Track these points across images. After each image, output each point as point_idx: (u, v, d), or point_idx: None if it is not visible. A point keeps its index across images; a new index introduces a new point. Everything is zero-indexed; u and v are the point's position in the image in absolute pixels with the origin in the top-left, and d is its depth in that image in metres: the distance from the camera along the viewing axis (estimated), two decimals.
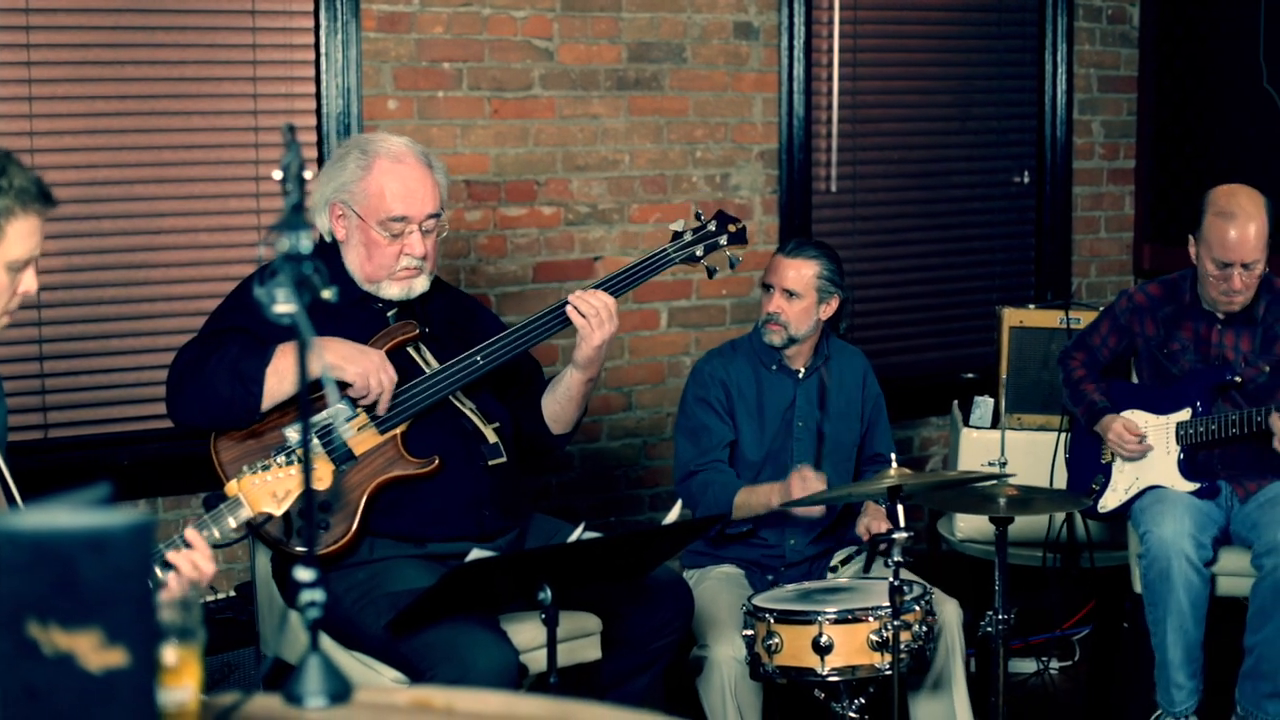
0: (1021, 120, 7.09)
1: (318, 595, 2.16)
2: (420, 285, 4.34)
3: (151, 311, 5.35)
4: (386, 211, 4.24)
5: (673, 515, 4.15)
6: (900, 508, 4.34)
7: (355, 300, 4.31)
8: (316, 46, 5.55)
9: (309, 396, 2.34)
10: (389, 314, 4.36)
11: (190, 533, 3.36)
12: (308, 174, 2.32)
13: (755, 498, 5.02)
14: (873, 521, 5.06)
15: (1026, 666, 6.29)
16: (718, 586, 5.02)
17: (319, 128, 5.55)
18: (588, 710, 2.13)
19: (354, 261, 4.31)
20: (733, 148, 6.29)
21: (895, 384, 6.67)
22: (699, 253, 4.60)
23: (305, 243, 2.10)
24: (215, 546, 3.47)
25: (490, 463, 4.30)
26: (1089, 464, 5.54)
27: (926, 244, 6.89)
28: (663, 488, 6.20)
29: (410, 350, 4.33)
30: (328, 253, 4.34)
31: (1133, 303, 5.50)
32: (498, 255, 5.85)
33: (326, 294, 2.22)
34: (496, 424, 4.38)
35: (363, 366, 4.08)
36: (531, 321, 4.39)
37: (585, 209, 6.00)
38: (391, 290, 4.31)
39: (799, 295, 5.12)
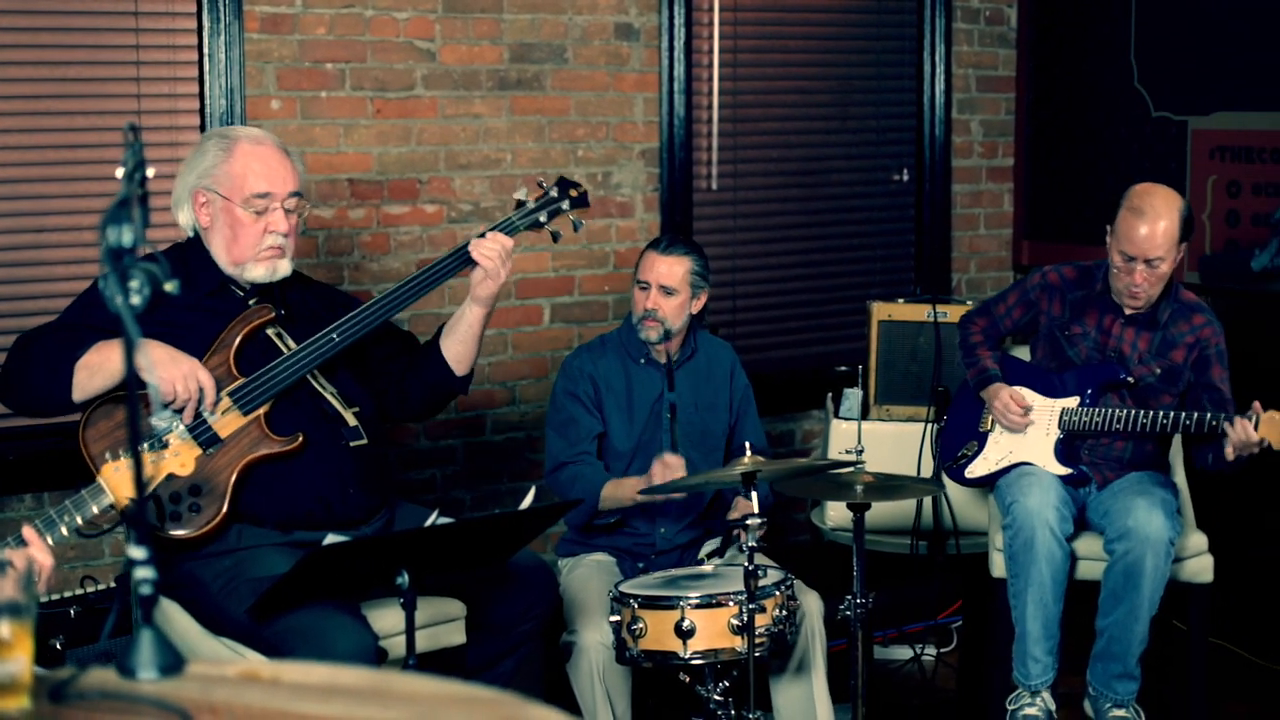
0: (901, 119, 7.22)
1: (149, 573, 2.26)
2: (284, 268, 4.49)
3: (35, 309, 5.39)
4: (251, 189, 4.41)
5: (527, 501, 4.26)
6: (755, 495, 4.47)
7: (215, 289, 4.43)
8: (200, 47, 5.62)
9: (136, 394, 2.42)
10: (250, 302, 4.49)
11: (27, 530, 3.42)
12: (150, 172, 2.42)
13: (622, 490, 5.15)
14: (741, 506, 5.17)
15: (903, 653, 6.44)
16: (588, 574, 5.15)
17: (203, 128, 5.61)
18: (405, 680, 2.24)
19: (219, 246, 4.45)
20: (614, 146, 6.40)
21: (777, 378, 6.82)
22: (542, 219, 4.78)
23: (128, 237, 2.19)
24: (80, 533, 3.55)
25: (351, 444, 4.43)
26: (964, 433, 5.67)
27: (807, 240, 7.01)
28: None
29: (270, 333, 4.46)
30: (194, 248, 4.48)
31: (1046, 280, 5.60)
32: (381, 253, 5.94)
33: (169, 286, 2.33)
34: (356, 408, 4.51)
35: (169, 373, 4.16)
36: (378, 300, 4.56)
37: (468, 207, 6.09)
38: (257, 272, 4.45)
39: (674, 291, 5.26)
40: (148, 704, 2.09)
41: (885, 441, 5.99)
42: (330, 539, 3.98)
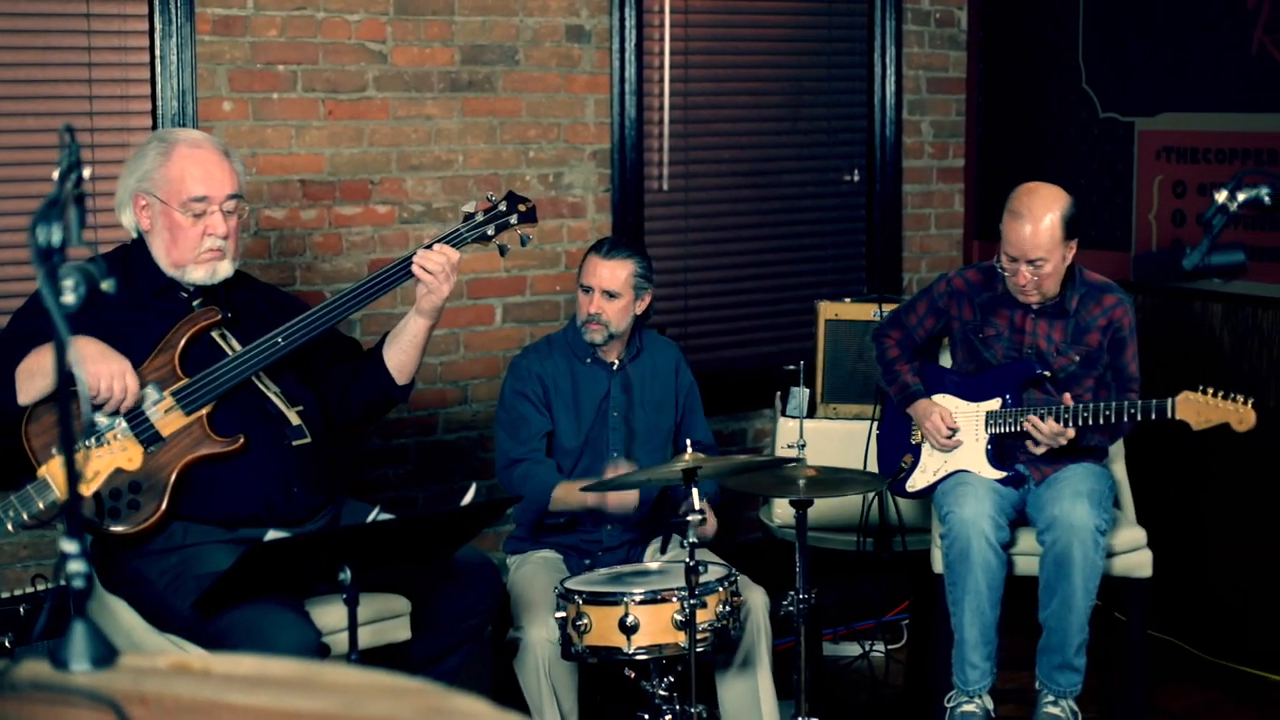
0: (851, 120, 7.26)
1: (81, 566, 2.30)
2: (224, 269, 4.54)
3: None
4: (188, 193, 4.45)
5: (468, 498, 4.31)
6: (695, 491, 4.52)
7: (159, 290, 4.48)
8: (151, 49, 5.65)
9: (68, 389, 2.45)
10: (194, 303, 4.52)
11: None
12: (86, 172, 2.45)
13: (572, 495, 5.21)
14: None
15: (853, 650, 6.49)
16: (534, 570, 5.20)
17: (155, 130, 5.64)
18: (332, 670, 2.28)
19: (160, 249, 4.50)
20: (565, 147, 6.44)
21: (728, 377, 6.87)
22: (490, 232, 4.80)
23: (57, 236, 2.23)
24: (25, 528, 3.58)
25: (295, 443, 4.48)
26: (899, 443, 5.73)
27: (758, 241, 7.05)
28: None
29: (215, 335, 4.50)
30: (138, 248, 4.53)
31: (951, 287, 5.67)
32: (333, 253, 5.98)
33: (105, 285, 2.36)
34: (300, 407, 4.56)
35: (97, 369, 4.19)
36: (325, 306, 4.59)
37: (419, 208, 6.13)
38: (197, 274, 4.49)
39: (617, 295, 5.32)
40: (79, 695, 2.13)
41: (832, 439, 6.04)
42: (272, 534, 4.02)
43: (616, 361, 5.41)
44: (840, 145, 7.24)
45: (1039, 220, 5.29)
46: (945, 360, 5.80)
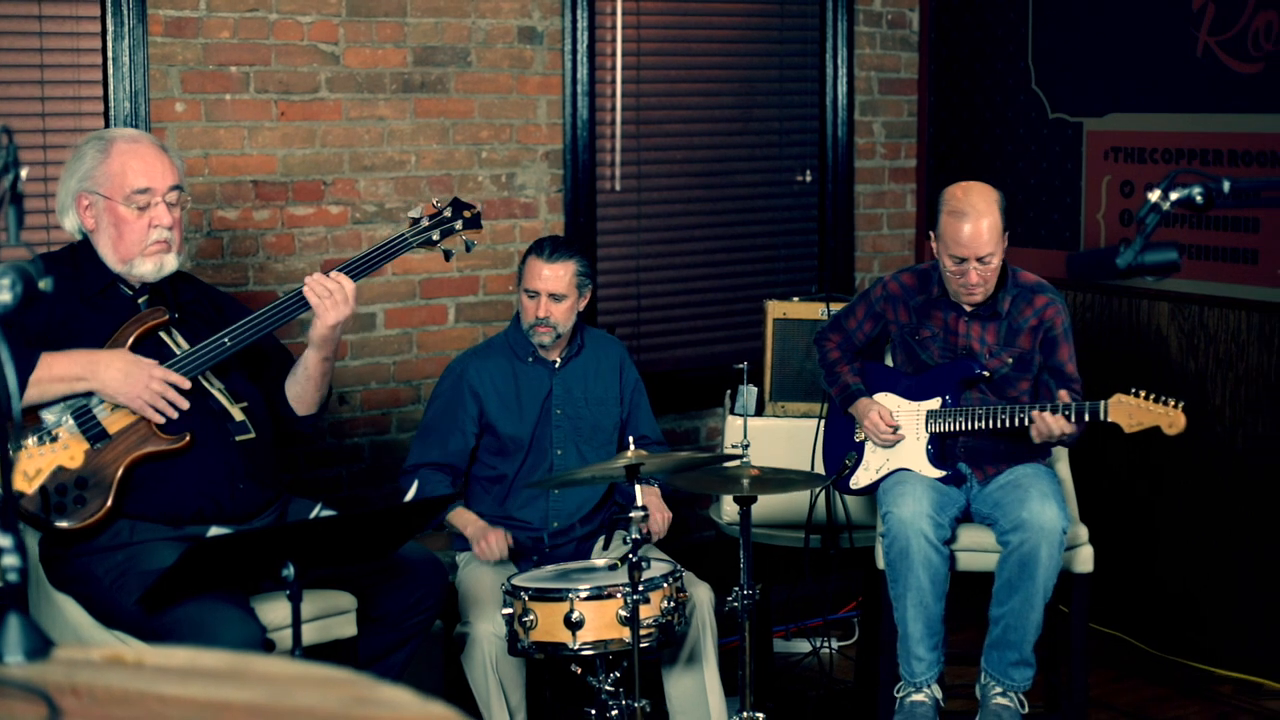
0: (804, 121, 7.31)
1: (14, 560, 2.34)
2: (171, 263, 4.57)
3: None
4: (131, 185, 4.50)
5: (410, 494, 4.35)
6: (639, 487, 4.56)
7: (105, 288, 4.51)
8: (104, 50, 5.67)
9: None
10: (140, 300, 4.56)
11: None
12: (23, 172, 2.49)
13: (460, 521, 5.35)
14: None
15: (805, 647, 6.54)
16: (483, 567, 5.25)
17: None
18: (263, 661, 2.32)
19: (106, 246, 4.53)
20: (518, 148, 6.48)
21: (681, 376, 6.91)
22: (435, 237, 4.83)
23: None
24: None
25: (238, 439, 4.52)
26: (843, 442, 5.77)
27: (711, 240, 7.10)
28: None
29: (162, 334, 4.54)
30: (84, 248, 4.57)
31: (887, 291, 5.71)
32: (285, 253, 6.01)
33: (43, 284, 2.40)
34: (245, 404, 4.60)
35: (131, 391, 4.31)
36: (276, 304, 4.62)
37: (372, 208, 6.17)
38: (145, 268, 4.53)
39: (563, 297, 5.36)
40: (11, 686, 2.16)
41: (779, 437, 6.08)
42: (214, 531, 4.06)
43: (558, 360, 5.46)
44: (792, 146, 7.29)
45: (983, 217, 5.33)
46: (889, 360, 5.85)
